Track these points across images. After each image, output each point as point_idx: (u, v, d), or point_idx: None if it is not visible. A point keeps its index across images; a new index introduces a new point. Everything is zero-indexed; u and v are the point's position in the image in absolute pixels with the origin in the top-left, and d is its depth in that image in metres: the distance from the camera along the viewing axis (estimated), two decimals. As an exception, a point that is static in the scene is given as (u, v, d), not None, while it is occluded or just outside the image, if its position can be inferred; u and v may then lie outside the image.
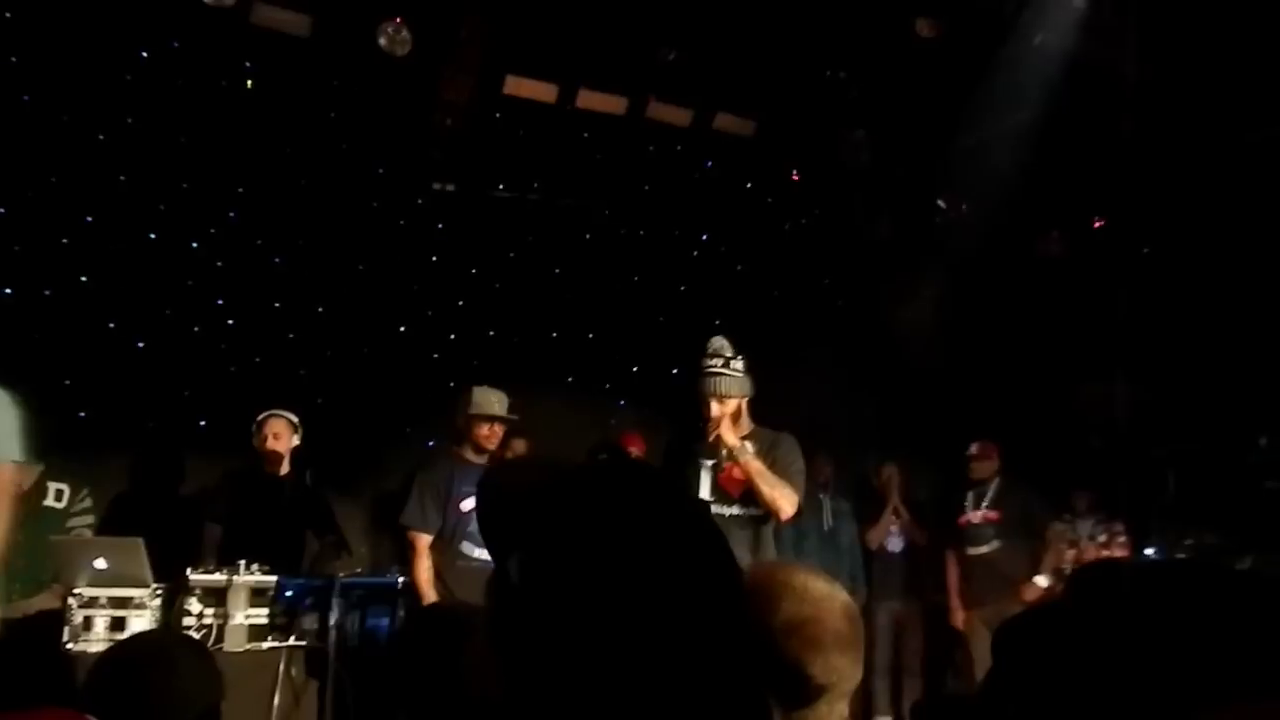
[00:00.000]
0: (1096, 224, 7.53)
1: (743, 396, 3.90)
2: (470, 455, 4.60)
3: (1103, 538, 7.14)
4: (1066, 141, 6.25)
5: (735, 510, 3.77)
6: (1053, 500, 7.25)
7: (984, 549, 6.39)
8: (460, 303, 7.03)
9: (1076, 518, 7.23)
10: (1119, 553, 7.07)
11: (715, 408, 3.83)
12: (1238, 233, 6.59)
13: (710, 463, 3.84)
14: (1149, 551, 7.27)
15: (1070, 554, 7.11)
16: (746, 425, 3.91)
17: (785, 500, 3.67)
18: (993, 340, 7.38)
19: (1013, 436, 6.97)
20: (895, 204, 7.56)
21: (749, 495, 3.75)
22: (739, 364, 3.94)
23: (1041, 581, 6.26)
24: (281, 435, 4.99)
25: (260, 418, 5.07)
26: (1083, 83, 5.36)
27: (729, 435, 3.77)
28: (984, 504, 6.42)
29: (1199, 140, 6.16)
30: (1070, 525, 7.21)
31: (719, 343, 4.01)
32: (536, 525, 0.88)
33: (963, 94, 5.88)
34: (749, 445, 3.79)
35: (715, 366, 3.92)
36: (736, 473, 3.75)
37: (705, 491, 3.80)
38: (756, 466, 3.71)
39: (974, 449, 6.50)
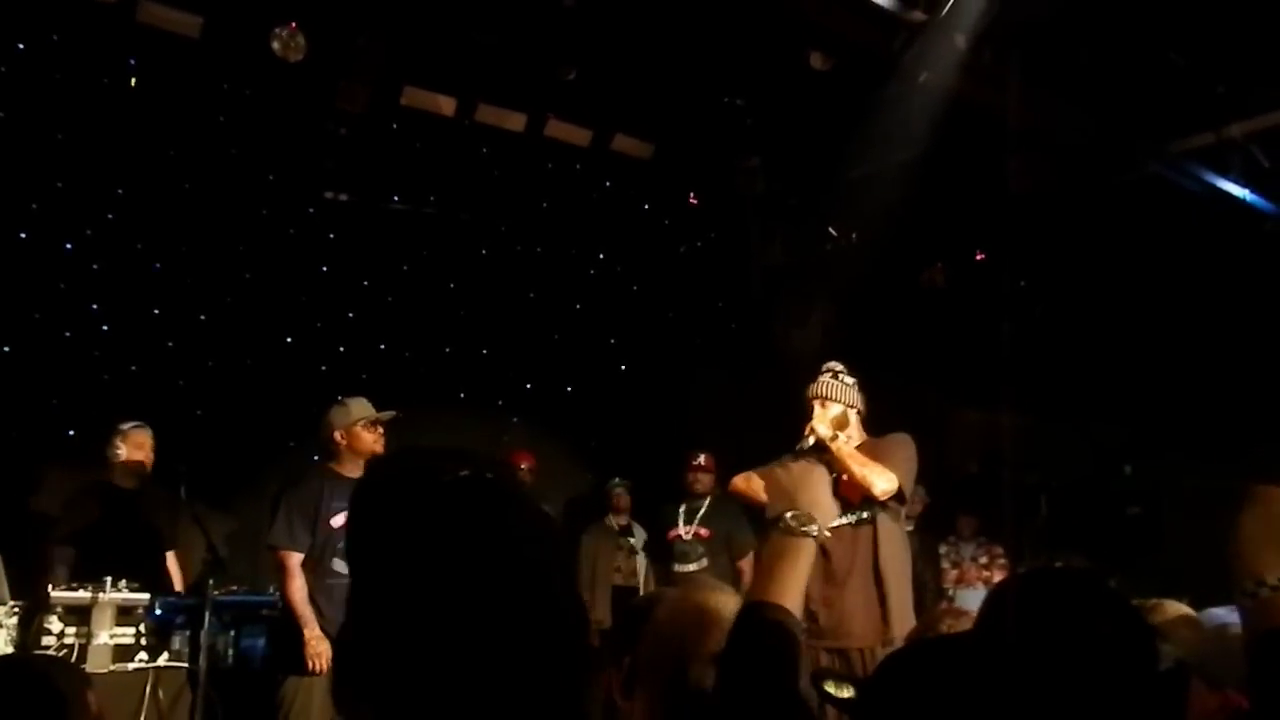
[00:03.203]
0: (978, 257, 7.83)
1: (848, 404, 3.97)
2: (343, 469, 4.51)
3: (984, 559, 7.42)
4: (951, 177, 6.49)
5: (861, 516, 3.79)
6: (939, 524, 7.50)
7: (690, 566, 6.03)
8: (350, 315, 6.91)
9: (960, 541, 7.50)
10: (998, 574, 7.35)
11: (818, 408, 3.93)
12: (1109, 269, 6.94)
13: (830, 478, 3.81)
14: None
15: (953, 574, 7.37)
16: (859, 435, 3.97)
17: (877, 478, 3.67)
18: (876, 366, 7.58)
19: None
20: (788, 230, 7.72)
21: (866, 499, 3.77)
22: (849, 379, 4.04)
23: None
24: (146, 447, 4.85)
25: (126, 428, 4.92)
26: (965, 121, 5.58)
27: (820, 425, 3.84)
28: (696, 520, 6.17)
29: (1074, 179, 6.47)
30: (954, 548, 7.48)
31: (833, 364, 4.12)
32: (391, 547, 0.90)
33: (854, 126, 6.06)
34: (843, 435, 3.85)
35: (822, 377, 4.03)
36: (845, 473, 3.78)
37: None
38: (847, 451, 3.77)
39: (702, 459, 6.18)
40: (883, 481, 3.69)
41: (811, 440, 3.86)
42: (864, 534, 3.77)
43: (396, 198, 6.97)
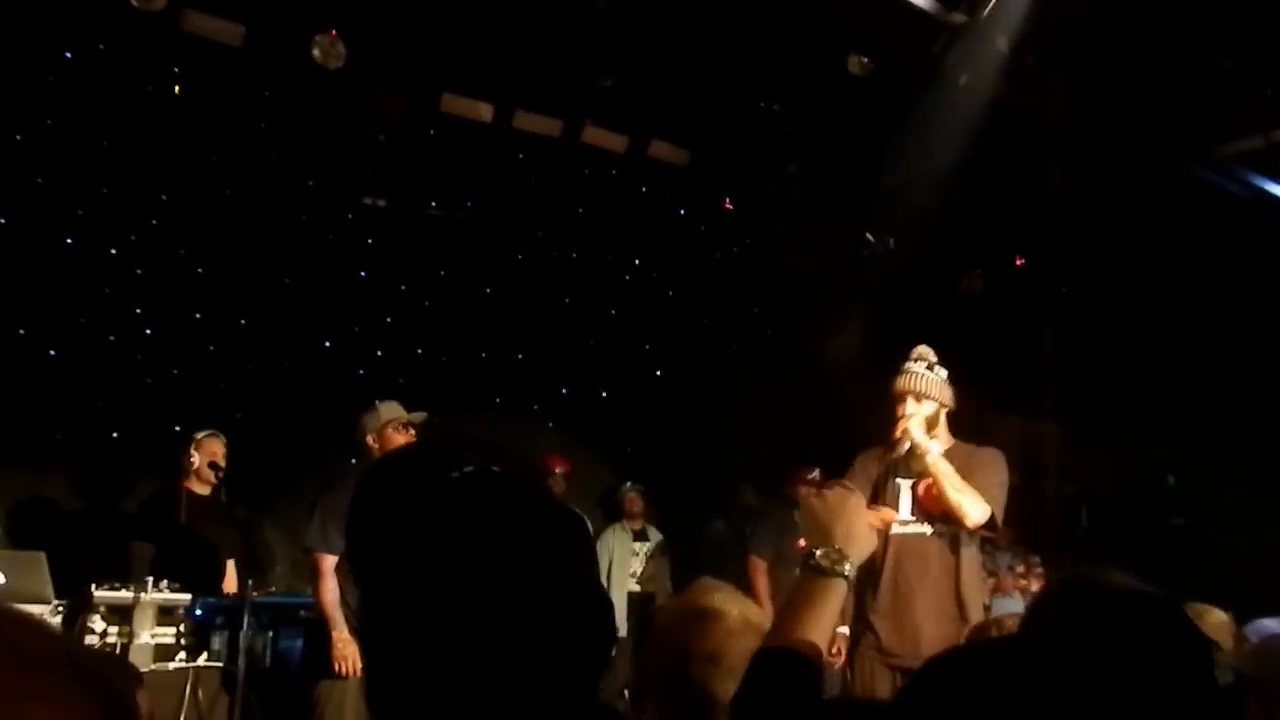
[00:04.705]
0: (1018, 263, 7.74)
1: (941, 403, 3.63)
2: None
3: (1020, 568, 7.32)
4: (990, 182, 6.42)
5: (940, 528, 3.51)
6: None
7: None
8: (388, 320, 6.94)
9: (996, 550, 7.41)
10: (1035, 584, 7.25)
11: (910, 404, 3.58)
12: (1152, 275, 6.83)
13: (908, 481, 3.58)
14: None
15: (990, 583, 7.28)
16: (946, 438, 3.66)
17: (970, 506, 3.38)
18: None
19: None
20: (824, 237, 7.67)
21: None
22: (942, 371, 3.69)
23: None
24: (219, 455, 5.01)
25: (200, 436, 5.07)
26: (1006, 126, 5.52)
27: (917, 432, 3.52)
28: None
29: (1118, 184, 6.37)
30: (989, 557, 7.39)
31: (923, 349, 3.77)
32: (400, 544, 0.88)
33: (891, 131, 6.01)
34: (937, 446, 3.55)
35: (915, 368, 3.68)
36: (936, 490, 3.49)
37: (905, 511, 3.54)
38: (943, 468, 3.45)
39: (817, 474, 6.14)
40: (977, 512, 3.39)
41: (907, 445, 3.54)
42: (940, 547, 3.50)
43: (434, 203, 7.01)
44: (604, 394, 7.71)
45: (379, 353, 6.86)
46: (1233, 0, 4.49)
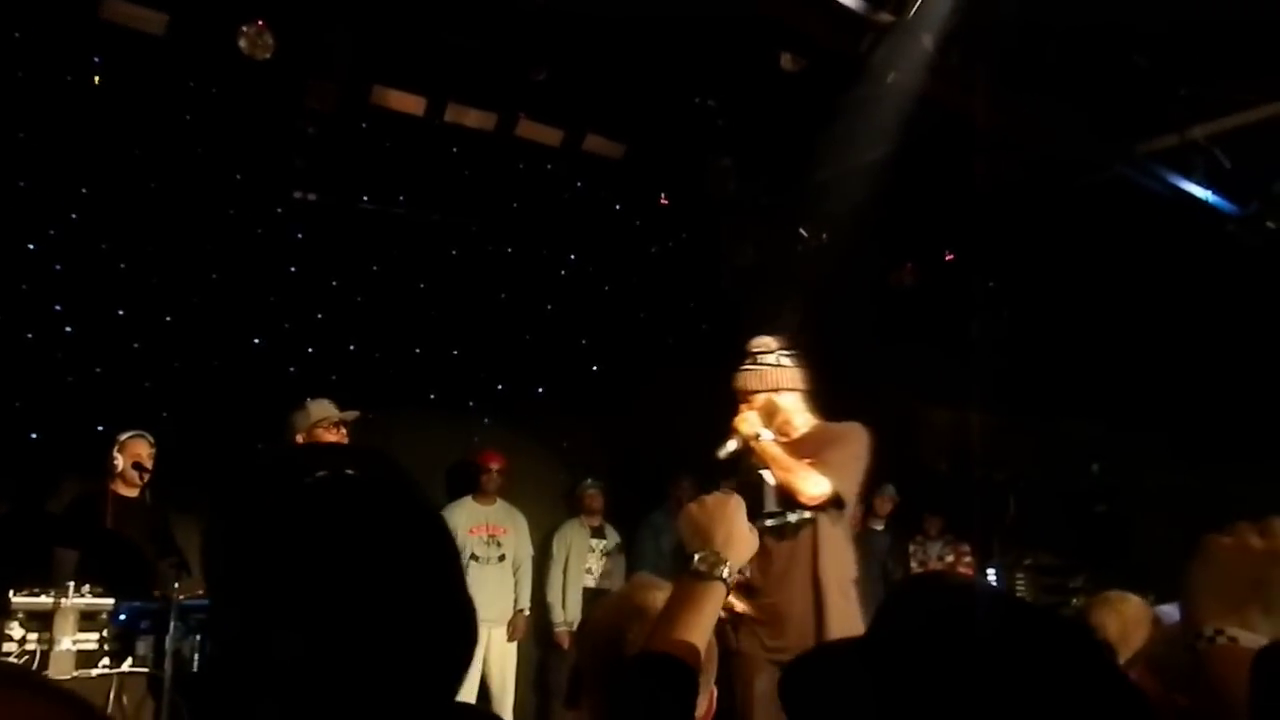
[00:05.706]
0: (948, 257, 7.89)
1: (772, 389, 3.65)
2: None
3: (950, 558, 7.48)
4: (920, 178, 6.53)
5: (801, 515, 3.50)
6: (908, 523, 7.56)
7: None
8: (319, 316, 6.84)
9: (927, 540, 7.56)
10: (965, 573, 7.42)
11: (742, 407, 3.66)
12: (1077, 269, 7.01)
13: (769, 472, 3.58)
14: (990, 571, 7.63)
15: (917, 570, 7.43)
16: (805, 420, 3.66)
17: (803, 482, 3.40)
18: (846, 365, 7.62)
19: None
20: (759, 231, 7.74)
21: None
22: (770, 358, 3.71)
23: None
24: (145, 456, 4.87)
25: (124, 438, 5.01)
26: (934, 122, 5.61)
27: (744, 424, 3.59)
28: None
29: (1042, 180, 6.52)
30: (920, 547, 7.54)
31: (756, 340, 3.79)
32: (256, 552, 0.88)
33: (824, 127, 6.08)
34: (768, 434, 3.57)
35: (744, 367, 3.73)
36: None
37: (770, 502, 3.53)
38: (771, 452, 3.51)
39: None
40: (810, 487, 3.42)
41: (732, 444, 3.61)
42: (805, 534, 3.51)
43: (366, 197, 6.91)
44: (540, 389, 7.69)
45: (310, 350, 6.75)
46: (1149, 2, 4.62)
